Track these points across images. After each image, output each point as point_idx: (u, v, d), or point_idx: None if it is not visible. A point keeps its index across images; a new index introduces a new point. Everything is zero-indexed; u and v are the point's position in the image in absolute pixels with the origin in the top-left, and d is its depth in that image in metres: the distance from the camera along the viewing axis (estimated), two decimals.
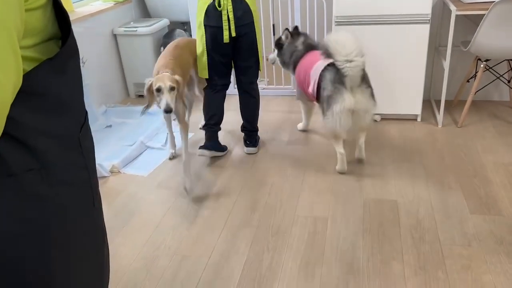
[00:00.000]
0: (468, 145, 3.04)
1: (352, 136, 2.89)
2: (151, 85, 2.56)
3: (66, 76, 0.86)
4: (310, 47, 3.05)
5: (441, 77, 3.25)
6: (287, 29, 3.16)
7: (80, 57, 0.94)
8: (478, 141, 3.08)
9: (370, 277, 1.96)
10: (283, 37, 3.16)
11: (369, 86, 2.66)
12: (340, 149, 2.77)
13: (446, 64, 3.15)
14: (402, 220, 2.32)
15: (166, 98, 2.49)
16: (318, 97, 2.79)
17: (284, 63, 3.19)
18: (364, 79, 2.63)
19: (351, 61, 2.50)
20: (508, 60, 3.25)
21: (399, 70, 3.26)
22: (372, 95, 2.67)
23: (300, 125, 3.41)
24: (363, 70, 2.58)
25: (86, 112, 0.99)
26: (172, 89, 2.52)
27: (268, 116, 3.68)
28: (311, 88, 2.82)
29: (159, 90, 2.50)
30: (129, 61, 4.10)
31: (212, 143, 3.01)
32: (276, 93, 4.06)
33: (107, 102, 3.95)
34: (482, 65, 3.16)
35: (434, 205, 2.42)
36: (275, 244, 2.22)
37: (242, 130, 3.15)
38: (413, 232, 2.23)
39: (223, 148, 3.09)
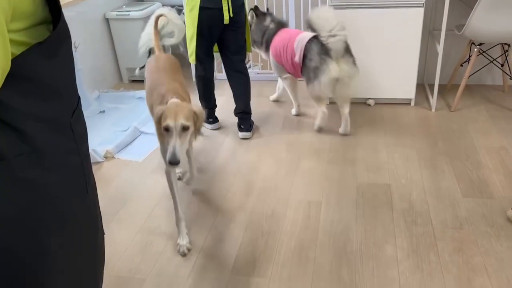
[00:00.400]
0: (461, 129, 3.06)
1: (338, 108, 3.05)
2: (161, 117, 1.87)
3: (57, 61, 0.86)
4: (281, 24, 3.25)
5: (435, 61, 3.25)
6: (251, 9, 3.29)
7: (72, 42, 0.93)
8: (471, 125, 3.10)
9: (363, 260, 1.99)
10: (249, 18, 3.26)
11: (352, 56, 2.88)
12: (323, 108, 3.03)
13: (440, 48, 3.15)
14: (395, 203, 2.34)
15: (174, 144, 1.81)
16: (302, 67, 2.96)
17: (255, 42, 3.33)
18: (347, 49, 2.85)
19: (334, 36, 2.73)
20: (501, 44, 3.25)
21: (393, 54, 3.26)
22: (355, 63, 2.89)
23: (293, 110, 3.42)
24: (346, 42, 2.80)
25: (79, 97, 0.98)
26: (185, 129, 1.84)
27: (262, 101, 3.67)
28: (298, 57, 2.97)
29: (167, 129, 1.83)
30: (122, 46, 4.06)
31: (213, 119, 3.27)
32: (270, 78, 4.04)
33: (99, 87, 3.92)
34: (475, 49, 3.16)
35: (427, 189, 2.44)
36: (269, 228, 2.23)
37: (236, 114, 3.16)
38: (405, 215, 2.25)
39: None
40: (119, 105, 3.68)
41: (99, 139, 3.13)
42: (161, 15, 2.64)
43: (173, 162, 1.80)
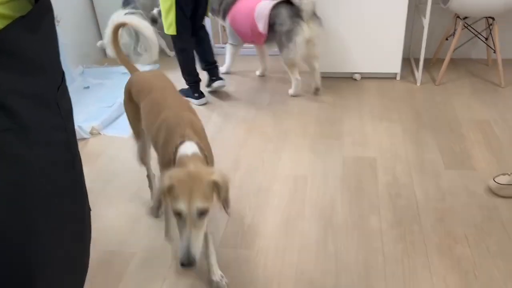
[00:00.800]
0: (445, 102, 3.09)
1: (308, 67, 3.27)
2: (167, 189, 1.35)
3: (40, 35, 0.84)
4: None
5: (420, 35, 3.26)
6: None
7: (54, 16, 0.90)
8: (455, 98, 3.14)
9: (348, 231, 2.03)
10: None
11: (318, 17, 3.08)
12: (297, 75, 3.21)
13: (426, 21, 3.16)
14: (380, 176, 2.38)
15: (189, 238, 1.32)
16: (270, 34, 3.13)
17: (213, 10, 3.46)
18: (314, 11, 3.05)
19: None
20: (486, 17, 3.26)
21: (379, 28, 3.25)
22: (321, 24, 3.09)
23: (224, 68, 3.67)
24: (314, 4, 3.01)
25: (63, 72, 0.97)
26: (203, 213, 1.34)
27: (249, 76, 3.66)
28: (262, 27, 3.12)
29: (178, 213, 1.33)
30: (105, 20, 3.91)
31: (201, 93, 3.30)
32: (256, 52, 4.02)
33: (83, 63, 3.86)
34: (460, 23, 3.17)
35: (411, 162, 2.49)
36: (256, 202, 2.26)
37: (205, 68, 3.31)
38: (390, 188, 2.30)
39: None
40: (104, 80, 3.64)
41: (85, 116, 3.11)
42: (122, 24, 2.02)
43: (187, 263, 1.30)
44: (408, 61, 3.73)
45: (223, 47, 3.88)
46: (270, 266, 1.88)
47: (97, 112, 3.14)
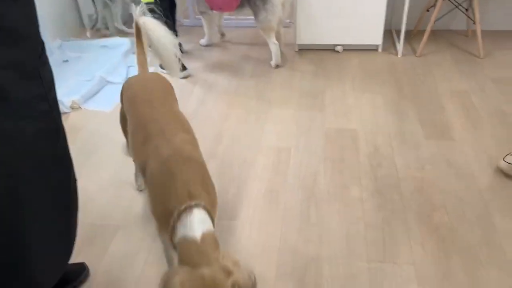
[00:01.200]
0: (425, 73, 3.13)
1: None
2: None
3: (17, 5, 0.83)
4: None
5: (402, 6, 3.26)
6: None
7: None
8: (435, 69, 3.17)
9: (330, 201, 2.08)
10: None
11: None
12: (274, 40, 3.20)
13: None
14: (361, 147, 2.42)
15: None
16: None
17: None
18: None
19: None
20: None
21: (360, 0, 3.24)
22: None
23: (203, 41, 3.63)
24: None
25: (43, 43, 0.96)
26: None
27: (231, 48, 3.63)
28: None
29: None
30: None
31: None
32: (238, 24, 3.98)
33: (61, 36, 3.77)
34: None
35: (392, 133, 2.52)
36: (240, 174, 2.28)
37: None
38: (371, 158, 2.34)
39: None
40: (83, 54, 3.57)
41: (64, 90, 3.05)
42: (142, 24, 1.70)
43: None
44: (390, 33, 3.74)
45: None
46: (254, 236, 1.92)
47: (77, 86, 3.09)
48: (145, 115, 1.42)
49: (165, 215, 1.18)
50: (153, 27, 1.67)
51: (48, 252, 1.07)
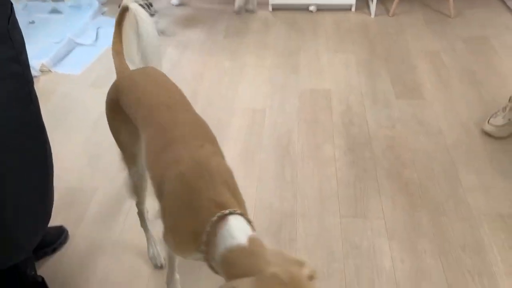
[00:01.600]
0: (398, 33, 3.15)
1: None
2: None
3: None
4: None
5: None
6: None
7: None
8: (407, 29, 3.20)
9: (304, 160, 2.12)
10: None
11: None
12: None
13: None
14: (334, 107, 2.46)
15: None
16: None
17: None
18: None
19: None
20: None
21: None
22: None
23: (175, 0, 3.59)
24: None
25: (12, 3, 0.94)
26: None
27: (204, 8, 3.56)
28: None
29: None
30: None
31: None
32: None
33: None
34: None
35: (364, 92, 2.56)
36: (215, 135, 2.29)
37: None
38: (343, 117, 2.38)
39: None
40: (50, 15, 3.45)
41: (33, 52, 2.92)
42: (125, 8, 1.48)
43: None
44: None
45: None
46: None
47: (46, 49, 3.00)
48: (165, 121, 1.24)
49: (187, 240, 1.04)
50: (145, 18, 1.48)
51: (27, 214, 1.08)
